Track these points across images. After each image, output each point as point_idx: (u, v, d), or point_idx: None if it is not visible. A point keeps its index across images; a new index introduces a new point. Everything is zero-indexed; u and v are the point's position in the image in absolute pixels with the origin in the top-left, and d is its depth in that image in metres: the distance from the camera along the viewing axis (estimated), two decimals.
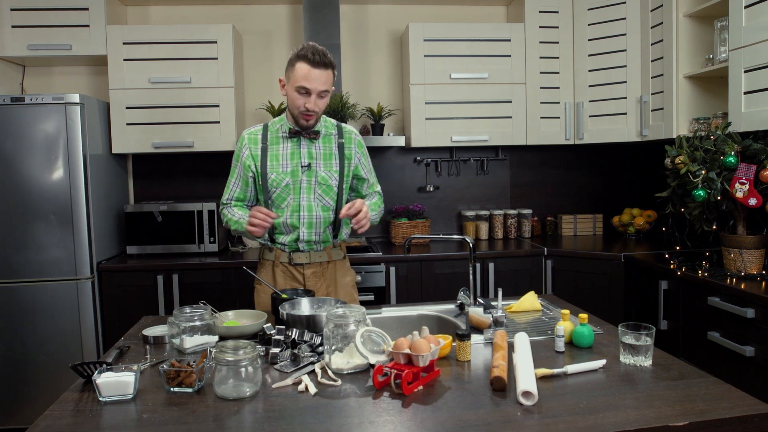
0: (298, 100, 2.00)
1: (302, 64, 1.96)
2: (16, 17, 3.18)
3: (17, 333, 2.93)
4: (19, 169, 2.89)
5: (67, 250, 2.95)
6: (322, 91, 1.99)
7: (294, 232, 2.12)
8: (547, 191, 3.94)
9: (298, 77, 1.97)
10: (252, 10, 3.68)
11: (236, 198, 2.20)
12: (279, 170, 2.09)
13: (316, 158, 2.11)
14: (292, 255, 2.14)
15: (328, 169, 2.12)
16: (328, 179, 2.11)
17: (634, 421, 1.17)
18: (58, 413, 1.26)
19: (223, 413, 1.25)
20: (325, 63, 1.96)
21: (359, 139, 2.21)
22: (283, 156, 2.10)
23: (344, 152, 2.15)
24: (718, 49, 2.77)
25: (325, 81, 1.98)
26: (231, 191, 2.20)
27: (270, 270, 2.18)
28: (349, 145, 2.16)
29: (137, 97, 3.28)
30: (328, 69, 1.98)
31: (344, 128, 2.19)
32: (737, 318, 2.23)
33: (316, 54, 1.95)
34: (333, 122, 2.19)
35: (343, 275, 2.23)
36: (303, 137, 2.10)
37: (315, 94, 1.98)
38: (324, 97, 2.02)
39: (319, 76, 1.96)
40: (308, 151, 2.10)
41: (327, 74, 1.98)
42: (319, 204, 2.12)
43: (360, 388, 1.37)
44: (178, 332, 1.63)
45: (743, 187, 2.31)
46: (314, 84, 1.96)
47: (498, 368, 1.37)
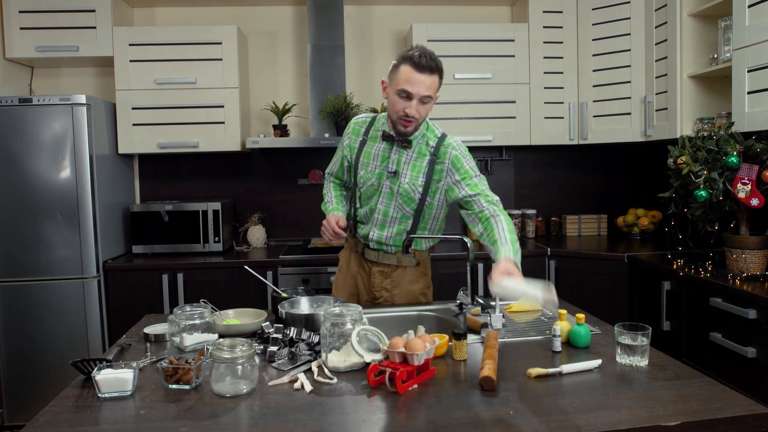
0: (398, 104, 1.89)
1: (406, 67, 1.85)
2: (24, 19, 3.23)
3: (25, 330, 2.98)
4: (26, 169, 2.93)
5: (73, 250, 2.99)
6: (425, 97, 1.87)
7: (368, 225, 2.13)
8: (552, 191, 3.93)
9: (401, 80, 1.86)
10: (257, 11, 3.70)
11: (336, 175, 2.26)
12: (368, 168, 2.08)
13: (404, 167, 2.01)
14: (365, 248, 2.18)
15: (413, 181, 2.01)
16: (410, 192, 2.02)
17: (626, 421, 1.18)
18: (57, 409, 1.29)
19: (219, 410, 1.27)
20: (431, 67, 1.85)
21: (456, 153, 1.98)
22: (375, 156, 2.06)
23: (435, 167, 2.01)
24: (722, 49, 2.76)
25: (429, 86, 1.86)
26: (332, 167, 2.27)
27: (348, 254, 2.26)
28: (441, 160, 1.99)
29: (143, 98, 3.32)
30: (434, 74, 1.86)
31: (444, 142, 2.01)
32: (739, 319, 2.22)
33: (423, 57, 1.84)
34: (437, 133, 2.04)
35: (411, 282, 2.17)
36: (396, 142, 2.01)
37: (417, 99, 1.87)
38: (426, 103, 1.90)
39: (424, 80, 1.85)
40: (398, 158, 2.02)
41: (432, 79, 1.87)
42: (399, 212, 2.06)
43: (355, 386, 1.38)
44: (178, 330, 1.65)
45: (745, 187, 2.30)
46: (417, 88, 1.85)
47: (486, 368, 1.36)
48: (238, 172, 3.74)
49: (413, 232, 2.10)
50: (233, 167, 3.73)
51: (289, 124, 3.64)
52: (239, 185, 3.74)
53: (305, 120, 3.72)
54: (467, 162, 1.99)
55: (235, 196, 3.73)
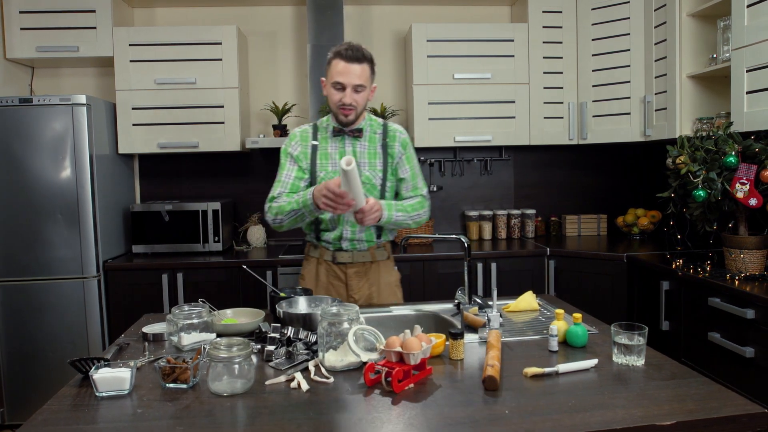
0: (335, 95, 2.04)
1: (337, 61, 2.02)
2: (24, 20, 3.24)
3: (26, 330, 2.99)
4: (27, 168, 2.94)
5: (73, 249, 3.00)
6: (358, 86, 2.02)
7: (338, 228, 2.14)
8: (551, 191, 3.93)
9: (334, 73, 2.02)
10: (256, 11, 3.71)
11: (290, 188, 2.11)
12: (328, 168, 2.12)
13: (361, 157, 2.13)
14: (335, 254, 2.17)
15: (372, 168, 2.14)
16: (372, 178, 2.13)
17: (621, 420, 1.18)
18: (55, 407, 1.29)
19: (216, 408, 1.27)
20: (358, 57, 2.00)
21: (404, 137, 2.20)
22: (331, 155, 2.13)
23: (388, 151, 2.16)
24: (721, 49, 2.76)
25: (359, 75, 2.01)
26: (284, 183, 2.11)
27: (314, 267, 2.22)
28: (392, 143, 2.17)
29: (143, 98, 3.32)
30: (362, 63, 2.01)
31: (389, 127, 2.20)
32: (737, 319, 2.22)
33: (349, 49, 2.01)
34: (380, 121, 2.21)
35: (386, 275, 2.24)
36: (347, 136, 2.13)
37: (350, 88, 2.01)
38: (360, 92, 2.04)
39: (354, 69, 2.00)
40: (353, 150, 2.13)
41: (362, 68, 2.02)
42: None
43: (352, 386, 1.38)
44: (176, 330, 1.65)
45: (744, 187, 2.30)
46: (348, 78, 2.00)
47: (491, 368, 1.38)
48: (238, 172, 3.74)
49: None
50: (233, 167, 3.73)
51: (288, 124, 3.64)
52: (239, 185, 3.75)
53: (305, 120, 3.73)
54: (411, 149, 2.22)
55: (235, 196, 3.74)
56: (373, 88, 2.11)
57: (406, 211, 2.12)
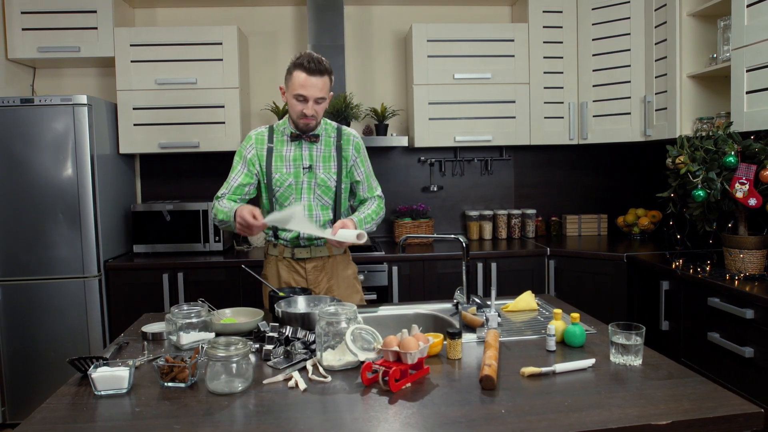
0: (297, 106, 2.08)
1: (299, 73, 2.04)
2: (26, 20, 3.25)
3: (27, 329, 3.00)
4: (28, 169, 2.95)
5: (74, 249, 3.01)
6: (319, 98, 2.07)
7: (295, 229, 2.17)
8: (552, 191, 3.93)
9: (296, 85, 2.05)
10: (257, 11, 3.72)
11: (233, 191, 2.20)
12: (283, 171, 2.17)
13: (316, 160, 2.19)
14: (294, 250, 2.22)
15: (327, 171, 2.20)
16: (327, 180, 2.20)
17: (617, 420, 1.18)
18: (54, 406, 1.30)
19: (214, 407, 1.28)
20: (320, 70, 2.04)
21: (357, 141, 2.26)
22: (287, 158, 2.18)
23: (342, 154, 2.22)
24: (721, 49, 2.75)
25: (321, 88, 2.06)
26: (229, 185, 2.20)
27: (274, 264, 2.27)
28: (346, 147, 2.23)
29: (144, 98, 3.33)
30: (323, 76, 2.05)
31: (343, 131, 2.26)
32: (737, 319, 2.22)
33: (311, 62, 2.03)
34: (334, 125, 2.26)
35: (343, 269, 2.31)
36: (304, 140, 2.18)
37: (312, 100, 2.06)
38: (321, 103, 2.09)
39: (315, 83, 2.03)
40: (309, 154, 2.19)
41: (323, 81, 2.06)
42: (319, 204, 2.21)
43: (349, 385, 1.39)
44: (175, 329, 1.66)
45: (743, 187, 2.30)
46: (311, 91, 2.04)
47: (489, 367, 1.39)
48: None
49: (335, 219, 2.22)
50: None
51: None
52: None
53: None
54: (363, 151, 2.28)
55: None
56: (330, 95, 2.15)
57: (372, 220, 2.23)
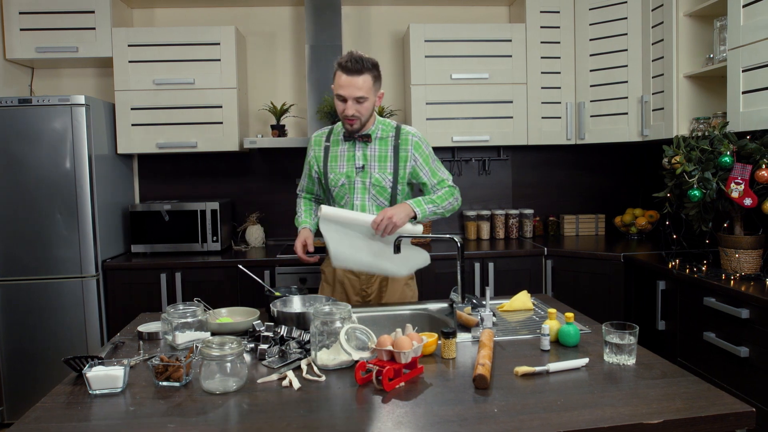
0: (339, 106, 2.08)
1: (339, 73, 2.04)
2: (24, 20, 3.25)
3: (25, 329, 3.01)
4: (26, 169, 2.96)
5: (72, 249, 3.01)
6: (359, 98, 2.04)
7: None
8: (550, 191, 3.93)
9: (336, 85, 2.06)
10: (255, 12, 3.72)
11: (305, 190, 2.38)
12: (337, 170, 2.19)
13: (371, 160, 2.16)
14: None
15: (382, 171, 2.16)
16: (381, 181, 2.16)
17: (609, 419, 1.19)
18: (49, 405, 1.30)
19: (208, 406, 1.28)
20: (358, 69, 2.01)
21: (416, 140, 2.19)
22: (341, 157, 2.19)
23: (399, 154, 2.16)
24: (717, 49, 2.76)
25: (360, 86, 2.03)
26: (302, 184, 2.38)
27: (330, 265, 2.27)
28: (405, 147, 2.17)
29: (142, 98, 3.34)
30: (362, 74, 2.02)
31: (402, 130, 2.20)
32: (732, 318, 2.23)
33: (349, 61, 2.01)
34: (393, 124, 2.22)
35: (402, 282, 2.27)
36: (357, 140, 2.17)
37: (351, 100, 2.04)
38: (363, 103, 2.06)
39: (353, 82, 2.02)
40: (363, 154, 2.17)
41: (363, 79, 2.03)
42: (374, 204, 2.18)
43: (343, 384, 1.39)
44: (170, 328, 1.66)
45: (739, 187, 2.30)
46: (349, 90, 2.03)
47: (482, 367, 1.39)
48: (237, 172, 3.76)
49: None
50: (231, 167, 3.75)
51: (287, 124, 3.66)
52: (237, 185, 3.76)
53: (303, 120, 3.74)
54: (426, 147, 2.22)
55: (233, 195, 3.75)
56: (380, 94, 2.14)
57: (435, 203, 2.16)
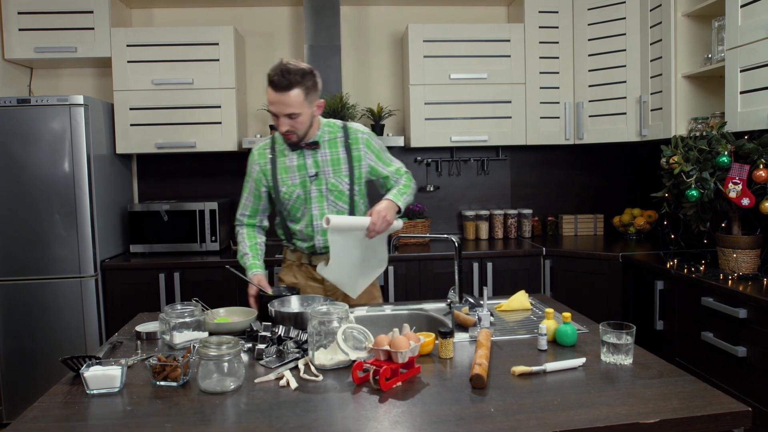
0: (274, 121, 1.97)
1: (269, 88, 1.91)
2: (23, 20, 3.25)
3: (24, 329, 3.01)
4: (25, 169, 2.96)
5: (71, 249, 3.01)
6: (290, 114, 1.91)
7: (310, 240, 2.15)
8: (548, 191, 3.94)
9: (268, 100, 1.95)
10: (254, 12, 3.72)
11: (248, 214, 2.23)
12: (289, 183, 2.08)
13: (323, 166, 2.08)
14: (311, 257, 2.19)
15: (338, 174, 2.09)
16: (338, 185, 2.09)
17: (605, 418, 1.19)
18: (46, 405, 1.31)
19: (205, 406, 1.28)
20: (285, 85, 1.87)
21: (366, 137, 2.13)
22: (291, 168, 2.08)
23: (352, 154, 2.10)
24: (715, 49, 2.76)
25: (289, 103, 1.88)
26: (243, 207, 2.23)
27: (292, 270, 2.25)
28: (356, 146, 2.11)
29: (141, 99, 3.34)
30: (291, 89, 1.87)
31: (350, 129, 2.12)
32: (730, 318, 2.23)
33: (276, 75, 1.87)
34: (339, 125, 2.13)
35: None
36: (304, 148, 2.06)
37: (282, 116, 1.92)
38: (296, 118, 1.93)
39: (282, 99, 1.88)
40: (314, 161, 2.07)
41: (293, 95, 1.88)
42: (333, 210, 2.11)
43: (340, 384, 1.40)
44: (168, 328, 1.67)
45: (736, 187, 2.30)
46: (278, 108, 1.91)
47: (479, 366, 1.39)
48: (235, 172, 3.75)
49: None
50: (230, 167, 3.75)
51: None
52: (236, 185, 3.70)
53: None
54: (376, 142, 2.16)
55: (232, 195, 3.74)
56: (319, 103, 2.00)
57: (405, 193, 2.13)
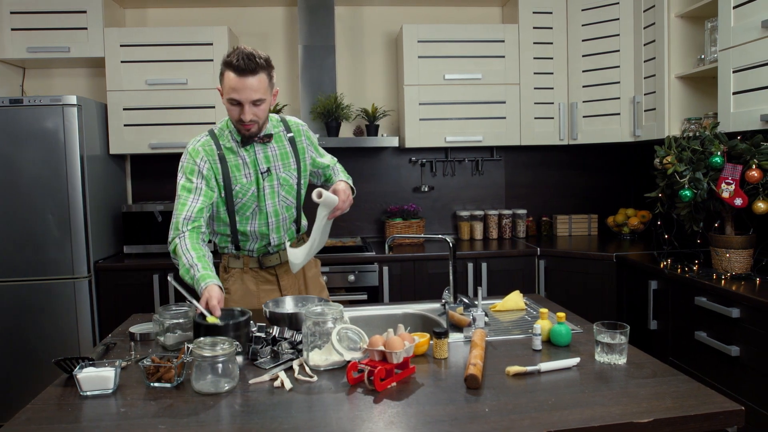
0: (233, 111, 1.84)
1: (229, 73, 1.78)
2: (15, 20, 3.24)
3: (17, 330, 2.99)
4: (17, 169, 2.94)
5: (64, 250, 3.00)
6: (256, 100, 1.80)
7: (263, 239, 2.04)
8: (542, 191, 3.95)
9: (227, 88, 1.80)
10: (247, 12, 3.72)
11: (194, 218, 1.85)
12: (243, 181, 1.95)
13: (273, 160, 2.00)
14: (261, 259, 2.06)
15: (287, 169, 2.03)
16: (289, 179, 2.03)
17: (599, 418, 1.19)
18: (39, 407, 1.30)
19: (199, 407, 1.28)
20: (252, 68, 1.75)
21: (305, 129, 2.10)
22: (243, 165, 1.95)
23: (297, 147, 2.06)
24: (708, 50, 2.78)
25: (256, 88, 1.78)
26: (187, 210, 1.85)
27: (239, 278, 2.07)
28: (299, 138, 2.07)
29: (134, 99, 3.33)
30: (258, 73, 1.77)
31: (290, 122, 2.08)
32: (723, 318, 2.24)
33: (241, 59, 1.75)
34: (277, 118, 2.06)
35: (311, 267, 2.19)
36: (256, 142, 1.96)
37: (248, 104, 1.80)
38: (260, 105, 1.83)
39: (249, 84, 1.76)
40: (264, 156, 1.98)
41: (258, 79, 1.78)
42: (284, 205, 2.05)
43: (335, 385, 1.39)
44: (162, 329, 1.66)
45: (729, 187, 2.32)
46: (244, 94, 1.78)
47: (474, 366, 1.40)
48: None
49: (299, 216, 2.13)
50: None
51: None
52: None
53: None
54: (311, 133, 2.16)
55: None
56: (275, 92, 1.90)
57: (348, 175, 2.20)
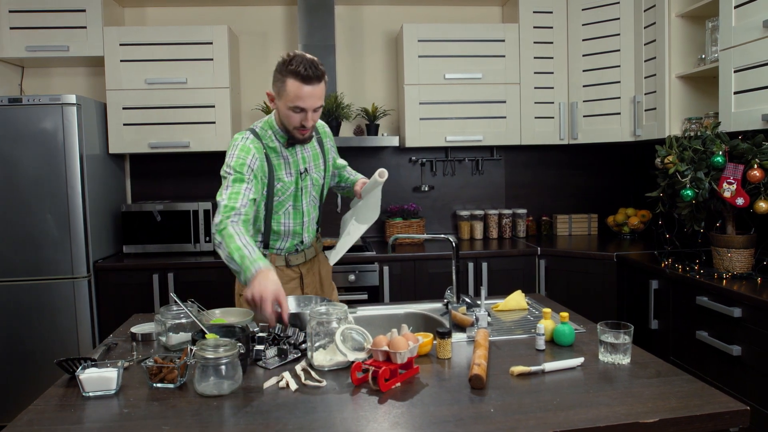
0: (293, 117, 1.88)
1: (294, 82, 1.81)
2: (14, 19, 3.22)
3: (16, 331, 2.97)
4: (16, 169, 2.93)
5: (64, 250, 2.98)
6: (318, 107, 1.89)
7: (296, 237, 2.09)
8: (543, 191, 3.95)
9: (291, 96, 1.82)
10: (247, 11, 3.71)
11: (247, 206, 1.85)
12: (285, 179, 2.01)
13: (309, 161, 2.08)
14: (288, 257, 2.10)
15: (318, 169, 2.11)
16: (319, 179, 2.12)
17: (604, 418, 1.19)
18: (41, 407, 1.29)
19: (203, 408, 1.27)
20: (317, 76, 1.82)
21: (329, 131, 2.21)
22: (286, 164, 2.02)
23: (324, 148, 2.14)
24: (709, 49, 2.78)
25: (320, 95, 1.87)
26: (242, 197, 1.84)
27: None
28: (326, 140, 2.16)
29: (134, 98, 3.31)
30: (321, 82, 1.85)
31: (317, 124, 2.14)
32: (725, 317, 2.24)
33: (307, 68, 1.80)
34: None
35: (325, 265, 2.26)
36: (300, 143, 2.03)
37: (311, 111, 1.87)
38: (318, 110, 1.91)
39: (313, 92, 1.83)
40: (302, 157, 2.06)
41: (321, 87, 1.86)
42: (313, 204, 2.12)
43: (339, 385, 1.39)
44: (164, 329, 1.65)
45: (731, 186, 2.32)
46: (310, 101, 1.84)
47: (478, 366, 1.39)
48: None
49: (320, 216, 2.20)
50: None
51: None
52: None
53: None
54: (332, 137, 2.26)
55: None
56: None
57: None
